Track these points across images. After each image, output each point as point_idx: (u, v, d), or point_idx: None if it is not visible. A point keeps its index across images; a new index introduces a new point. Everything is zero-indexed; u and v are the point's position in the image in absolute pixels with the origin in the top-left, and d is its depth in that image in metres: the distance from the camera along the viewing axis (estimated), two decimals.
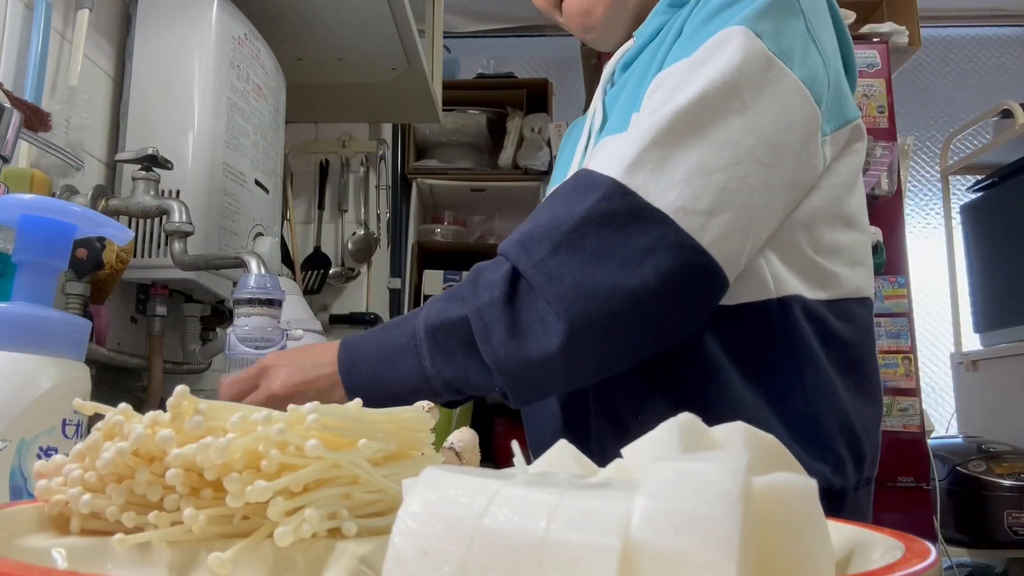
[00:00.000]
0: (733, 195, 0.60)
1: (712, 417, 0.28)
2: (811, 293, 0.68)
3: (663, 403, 0.66)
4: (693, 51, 0.64)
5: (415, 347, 0.65)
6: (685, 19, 0.69)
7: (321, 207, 2.07)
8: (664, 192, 0.60)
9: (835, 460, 0.66)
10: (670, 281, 0.59)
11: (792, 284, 0.67)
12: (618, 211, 0.60)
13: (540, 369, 0.61)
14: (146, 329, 1.09)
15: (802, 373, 0.66)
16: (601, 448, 0.68)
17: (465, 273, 2.48)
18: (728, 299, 0.64)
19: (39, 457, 0.43)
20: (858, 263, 0.72)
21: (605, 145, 0.72)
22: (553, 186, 0.88)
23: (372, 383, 0.66)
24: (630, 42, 0.78)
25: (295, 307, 1.34)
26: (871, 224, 1.03)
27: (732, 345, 0.66)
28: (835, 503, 0.65)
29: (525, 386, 0.63)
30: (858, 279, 0.71)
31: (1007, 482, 1.87)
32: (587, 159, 0.77)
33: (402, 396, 0.65)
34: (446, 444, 0.49)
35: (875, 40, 2.10)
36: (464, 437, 0.52)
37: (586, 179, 0.63)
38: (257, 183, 1.15)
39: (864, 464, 0.69)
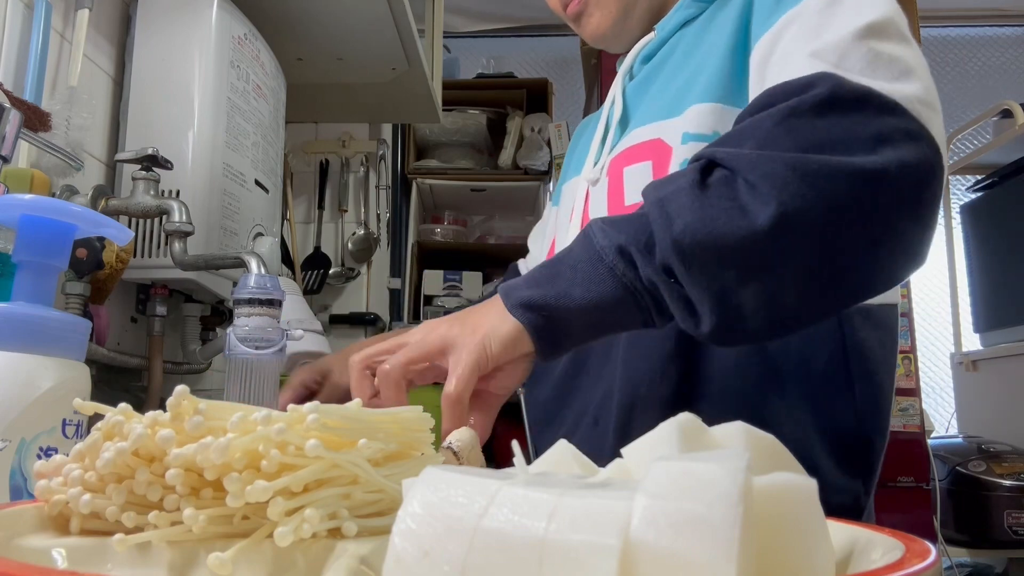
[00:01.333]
0: (937, 103, 0.54)
1: (763, 426, 0.27)
2: (876, 299, 0.64)
3: (692, 409, 0.63)
4: None
5: (598, 256, 0.51)
6: (746, 3, 0.65)
7: (321, 207, 2.07)
8: (892, 80, 0.52)
9: (869, 479, 0.64)
10: (909, 171, 0.48)
11: None
12: (841, 96, 0.50)
13: (735, 257, 0.47)
14: (146, 329, 1.09)
15: (853, 388, 0.63)
16: (620, 444, 0.67)
17: (465, 273, 2.45)
18: None
19: (39, 457, 0.43)
20: None
21: (649, 137, 0.66)
22: (568, 180, 0.87)
23: (583, 333, 0.53)
24: (651, 35, 0.78)
25: (295, 307, 1.34)
26: None
27: (778, 353, 0.63)
28: (856, 518, 0.64)
29: (715, 283, 0.48)
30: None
31: (1007, 482, 1.87)
32: (617, 149, 0.73)
33: (599, 307, 0.51)
34: (444, 444, 0.49)
35: None
36: (463, 437, 0.51)
37: (782, 86, 0.53)
38: (257, 183, 1.15)
39: (876, 475, 0.68)
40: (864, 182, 0.47)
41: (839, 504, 0.62)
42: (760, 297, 0.49)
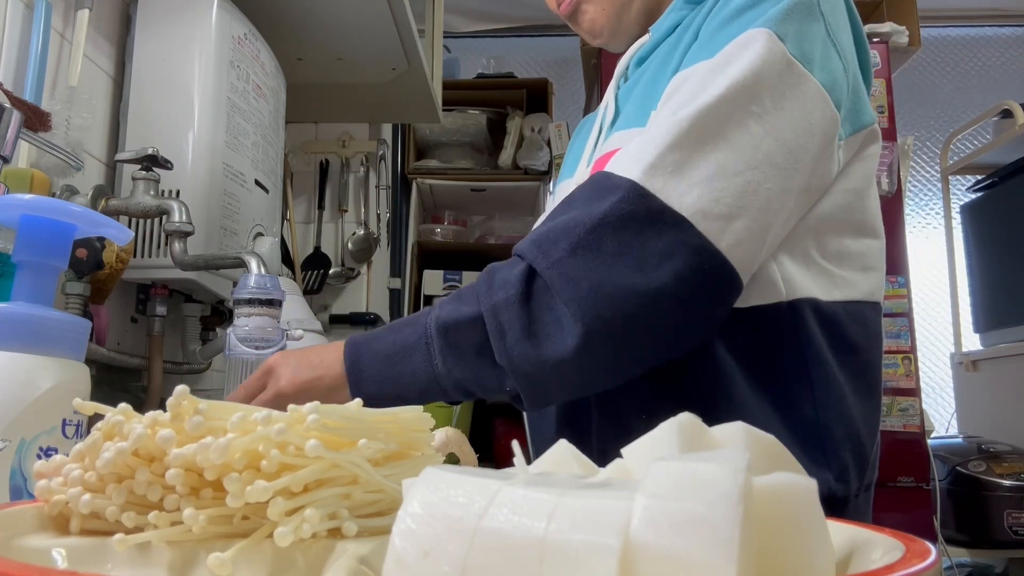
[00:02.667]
0: (751, 199, 0.60)
1: (716, 421, 0.28)
2: (825, 295, 0.67)
3: (667, 405, 0.65)
4: (715, 52, 0.64)
5: (425, 345, 0.63)
6: (704, 18, 0.69)
7: (321, 207, 2.07)
8: (683, 195, 0.59)
9: (840, 467, 0.65)
10: (686, 285, 0.59)
11: (804, 287, 0.66)
12: (637, 213, 0.59)
13: (554, 371, 0.60)
14: (146, 329, 1.09)
15: (811, 379, 0.65)
16: (602, 448, 0.68)
17: (465, 273, 2.46)
18: (738, 301, 0.64)
19: (39, 457, 0.43)
20: (870, 268, 0.71)
21: (623, 144, 0.71)
22: (561, 182, 0.88)
23: (379, 382, 0.65)
24: (645, 37, 0.79)
25: (295, 307, 1.34)
26: None
27: (740, 349, 0.66)
28: (836, 511, 0.64)
29: (538, 389, 0.62)
30: (870, 284, 0.70)
31: (1007, 482, 1.87)
32: (598, 152, 0.77)
33: (410, 396, 0.64)
34: None
35: (875, 40, 2.10)
36: (439, 438, 0.52)
37: (604, 181, 0.63)
38: (257, 183, 1.15)
39: (866, 470, 0.68)
40: (650, 301, 0.58)
41: None
42: (570, 391, 0.65)
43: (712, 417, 0.28)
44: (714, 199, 0.59)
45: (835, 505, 0.65)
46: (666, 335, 0.61)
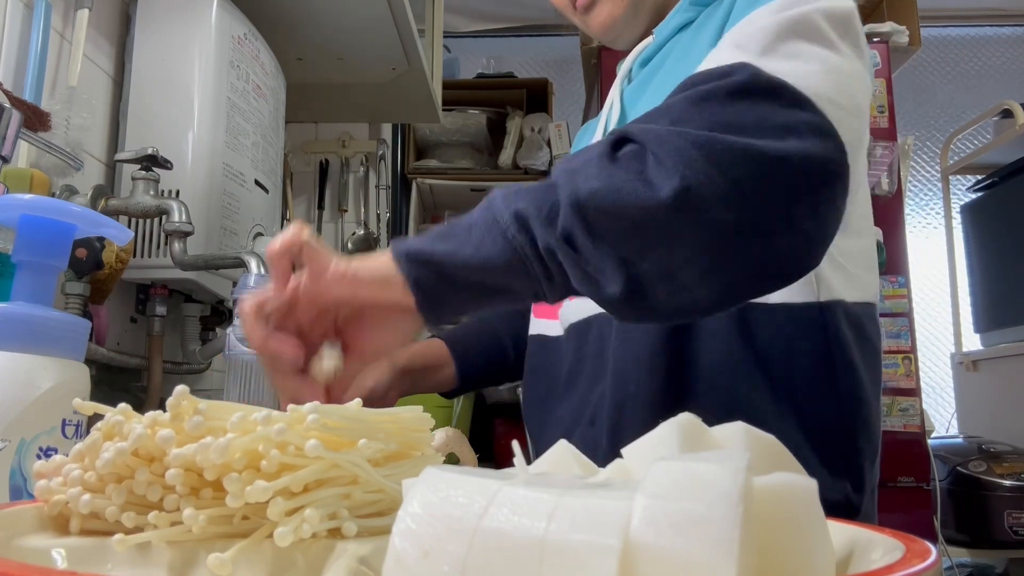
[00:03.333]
0: (860, 106, 0.55)
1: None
2: (849, 295, 0.65)
3: (680, 406, 0.64)
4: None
5: (494, 219, 0.49)
6: (726, 11, 0.66)
7: (321, 207, 2.07)
8: (805, 77, 0.53)
9: (859, 477, 0.64)
10: (811, 163, 0.49)
11: (836, 287, 0.64)
12: (754, 85, 0.52)
13: (634, 221, 0.47)
14: (146, 329, 1.09)
15: (837, 385, 0.63)
16: (614, 448, 0.67)
17: None
18: (767, 296, 0.60)
19: (39, 457, 0.43)
20: (872, 269, 0.71)
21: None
22: None
23: (447, 256, 0.49)
24: (649, 39, 0.78)
25: None
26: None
27: (762, 348, 0.63)
28: (850, 518, 0.64)
29: (615, 237, 0.47)
30: (874, 284, 0.70)
31: (1007, 482, 1.87)
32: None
33: (485, 268, 0.49)
34: None
35: (875, 40, 2.10)
36: (439, 438, 0.52)
37: (703, 73, 0.54)
38: (257, 183, 1.15)
39: (875, 473, 0.68)
40: (766, 166, 0.48)
41: (824, 501, 0.62)
42: (659, 270, 0.49)
43: (744, 418, 0.28)
44: (836, 89, 0.53)
45: (850, 512, 0.64)
46: (777, 220, 0.49)
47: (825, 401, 0.64)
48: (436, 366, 0.89)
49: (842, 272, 0.66)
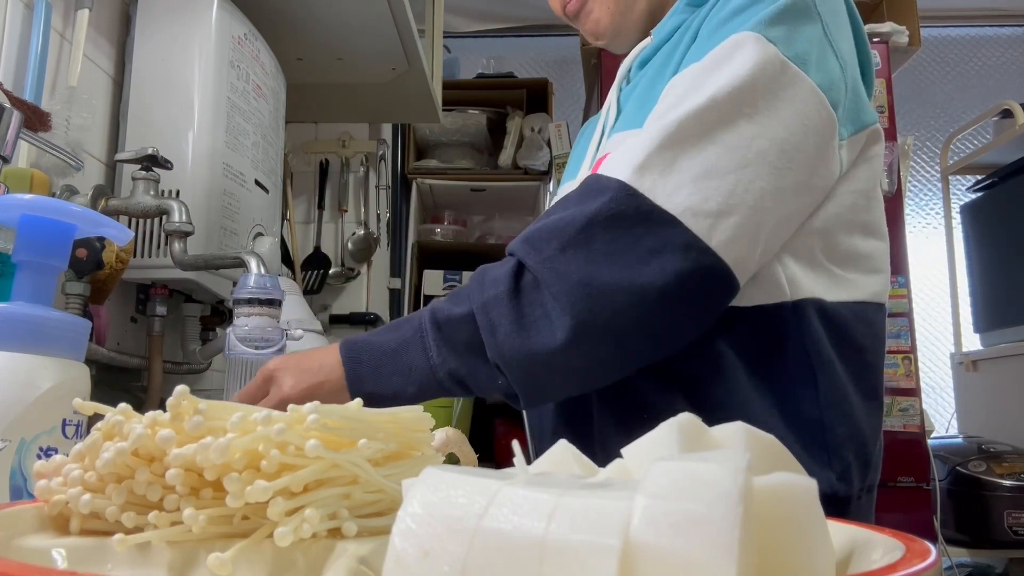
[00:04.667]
0: (742, 196, 0.60)
1: (718, 420, 0.28)
2: (831, 295, 0.67)
3: (669, 404, 0.65)
4: (705, 55, 0.65)
5: (421, 339, 0.65)
6: (702, 20, 0.69)
7: (321, 207, 2.07)
8: (672, 194, 0.60)
9: (842, 467, 0.65)
10: (677, 282, 0.59)
11: (808, 287, 0.66)
12: (626, 212, 0.60)
13: (545, 365, 0.61)
14: (146, 329, 1.09)
15: (815, 378, 0.65)
16: (603, 447, 0.68)
17: (466, 273, 2.47)
18: (741, 300, 0.64)
19: (39, 457, 0.43)
20: (876, 270, 0.71)
21: (616, 147, 0.72)
22: (564, 184, 0.88)
23: (377, 380, 0.65)
24: (647, 40, 0.79)
25: (295, 307, 1.34)
26: None
27: (743, 347, 0.66)
28: (839, 511, 0.64)
29: (531, 383, 0.63)
30: (875, 285, 0.71)
31: (1007, 482, 1.87)
32: (599, 154, 0.77)
33: (407, 392, 0.65)
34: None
35: (875, 40, 2.10)
36: (439, 438, 0.52)
37: (595, 183, 0.64)
38: (257, 183, 1.15)
39: (868, 471, 0.68)
40: (639, 296, 0.59)
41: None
42: (563, 387, 0.65)
43: (715, 416, 0.28)
44: (704, 197, 0.60)
45: (837, 505, 0.65)
46: (656, 331, 0.62)
47: (804, 394, 0.66)
48: None
49: (822, 272, 0.68)
